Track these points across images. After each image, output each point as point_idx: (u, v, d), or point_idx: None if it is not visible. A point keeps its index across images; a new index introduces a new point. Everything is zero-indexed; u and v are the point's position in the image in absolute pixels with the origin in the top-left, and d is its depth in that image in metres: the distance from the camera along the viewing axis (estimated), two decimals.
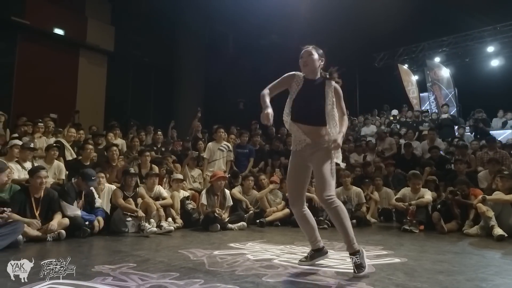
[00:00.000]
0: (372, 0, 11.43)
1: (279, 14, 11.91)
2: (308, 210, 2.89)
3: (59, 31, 10.82)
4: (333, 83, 2.75)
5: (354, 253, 2.57)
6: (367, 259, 2.72)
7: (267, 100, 2.65)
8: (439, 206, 5.26)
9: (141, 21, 12.32)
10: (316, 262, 2.86)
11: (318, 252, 2.87)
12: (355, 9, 11.70)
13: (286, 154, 8.24)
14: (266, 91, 2.73)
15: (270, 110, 2.56)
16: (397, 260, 3.15)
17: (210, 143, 6.94)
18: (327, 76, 2.79)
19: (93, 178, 4.64)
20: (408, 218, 5.23)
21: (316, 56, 2.76)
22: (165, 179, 6.08)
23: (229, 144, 6.95)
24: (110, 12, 12.32)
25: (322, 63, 2.82)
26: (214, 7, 12.00)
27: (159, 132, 8.02)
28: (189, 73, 12.20)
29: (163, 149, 7.62)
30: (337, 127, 2.67)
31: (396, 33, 13.25)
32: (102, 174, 5.28)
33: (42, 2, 10.35)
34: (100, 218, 4.61)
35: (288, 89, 2.79)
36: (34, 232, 3.92)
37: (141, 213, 4.74)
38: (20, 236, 3.63)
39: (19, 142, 5.48)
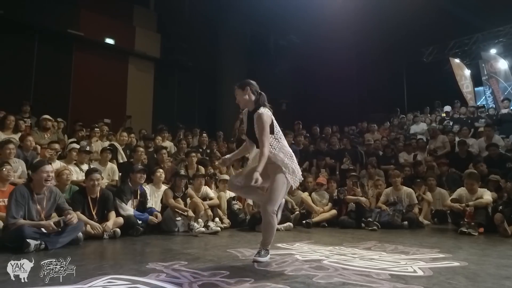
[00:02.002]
0: None
1: (320, 15, 11.72)
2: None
3: (109, 41, 11.42)
4: (258, 111, 2.93)
5: (264, 248, 3.00)
6: (424, 263, 2.56)
7: (239, 150, 3.35)
8: (501, 207, 4.89)
9: (185, 28, 12.68)
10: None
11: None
12: (400, 2, 11.24)
13: (331, 154, 8.09)
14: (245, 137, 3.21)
15: (227, 156, 3.31)
16: (456, 263, 2.96)
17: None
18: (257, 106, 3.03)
19: (139, 166, 5.03)
20: (466, 220, 4.90)
21: (239, 93, 3.05)
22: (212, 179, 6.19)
23: None
24: (156, 21, 12.80)
25: (248, 91, 3.02)
26: (255, 9, 12.06)
27: (204, 134, 8.20)
28: (231, 76, 12.35)
29: (208, 150, 7.78)
30: (277, 157, 2.90)
31: (445, 26, 12.57)
32: (161, 170, 5.50)
33: (94, 14, 10.98)
34: (157, 213, 4.92)
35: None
36: (92, 231, 4.16)
37: (191, 213, 4.88)
38: (80, 234, 3.85)
39: (77, 146, 5.86)
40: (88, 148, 5.98)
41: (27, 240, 3.26)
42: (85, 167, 5.44)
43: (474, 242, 4.23)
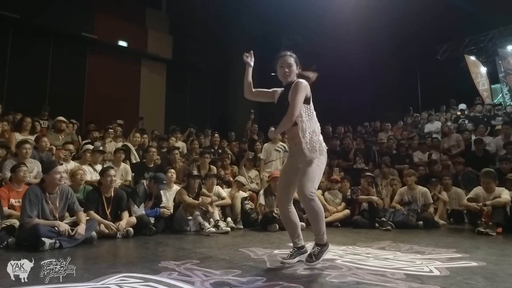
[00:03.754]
0: None
1: (332, 14, 11.63)
2: (294, 209, 2.90)
3: (122, 43, 11.57)
4: (297, 80, 2.81)
5: (319, 244, 2.75)
6: (441, 263, 2.51)
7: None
8: None
9: (197, 29, 12.76)
10: (297, 261, 2.81)
11: (299, 250, 2.87)
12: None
13: (343, 155, 8.00)
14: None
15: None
16: (474, 263, 2.88)
17: (266, 144, 6.94)
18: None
19: (164, 181, 4.93)
20: (483, 219, 4.79)
21: (293, 61, 2.98)
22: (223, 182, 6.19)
23: (285, 145, 6.89)
24: (168, 22, 12.91)
25: (298, 67, 2.98)
26: (266, 10, 12.06)
27: (216, 135, 8.21)
28: (243, 76, 12.37)
29: (220, 151, 7.79)
30: (304, 129, 2.78)
31: (460, 23, 12.34)
32: (173, 170, 5.56)
33: (107, 17, 11.15)
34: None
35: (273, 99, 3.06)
36: (106, 230, 4.20)
37: (211, 208, 4.92)
38: (94, 233, 3.90)
39: (91, 147, 5.93)
40: (101, 148, 6.05)
41: (42, 238, 3.31)
42: (98, 167, 5.50)
43: (492, 242, 4.12)
